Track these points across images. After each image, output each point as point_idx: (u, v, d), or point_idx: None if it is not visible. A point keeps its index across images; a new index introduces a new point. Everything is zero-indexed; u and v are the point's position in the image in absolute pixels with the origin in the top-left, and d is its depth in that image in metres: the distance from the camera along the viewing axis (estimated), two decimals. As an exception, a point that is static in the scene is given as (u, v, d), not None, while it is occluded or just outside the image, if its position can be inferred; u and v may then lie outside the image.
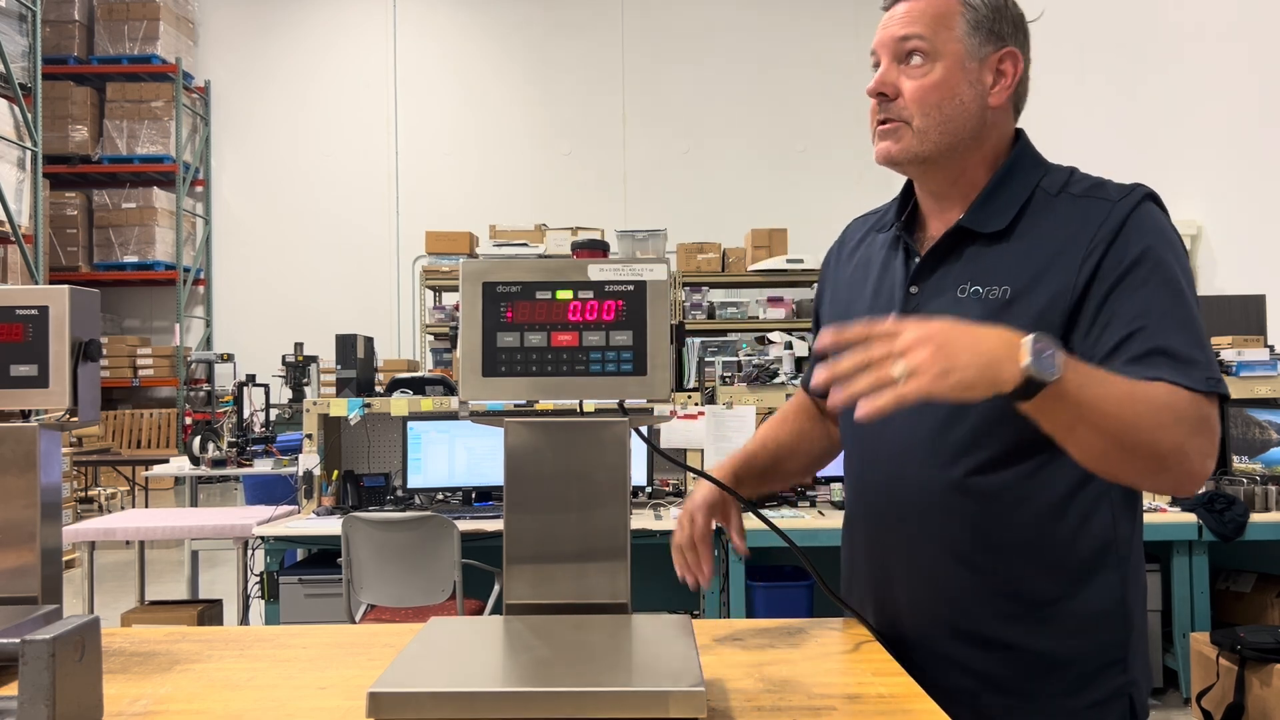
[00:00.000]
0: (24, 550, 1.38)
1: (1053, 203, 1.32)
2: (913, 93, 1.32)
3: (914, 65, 1.32)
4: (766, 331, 7.43)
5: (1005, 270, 1.30)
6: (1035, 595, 1.30)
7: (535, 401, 1.24)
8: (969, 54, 1.32)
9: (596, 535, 1.27)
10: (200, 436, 5.72)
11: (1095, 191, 1.31)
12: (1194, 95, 6.32)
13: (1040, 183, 1.34)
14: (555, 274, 1.24)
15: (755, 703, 1.16)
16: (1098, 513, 1.29)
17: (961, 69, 1.32)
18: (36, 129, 9.83)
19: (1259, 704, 3.42)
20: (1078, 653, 1.29)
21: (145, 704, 1.17)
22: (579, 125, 12.75)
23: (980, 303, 1.29)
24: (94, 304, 1.43)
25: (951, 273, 1.34)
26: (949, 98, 1.32)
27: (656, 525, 3.91)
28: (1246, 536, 3.93)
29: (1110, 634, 1.30)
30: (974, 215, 1.34)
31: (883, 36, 1.35)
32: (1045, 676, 1.29)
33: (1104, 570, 1.29)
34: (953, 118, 1.32)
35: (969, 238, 1.34)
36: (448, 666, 1.12)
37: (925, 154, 1.33)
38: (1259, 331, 4.75)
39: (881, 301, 1.41)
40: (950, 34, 1.32)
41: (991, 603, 1.31)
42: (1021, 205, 1.32)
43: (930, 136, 1.32)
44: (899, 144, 1.33)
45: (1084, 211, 1.29)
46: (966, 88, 1.32)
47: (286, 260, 12.71)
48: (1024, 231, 1.31)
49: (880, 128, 1.35)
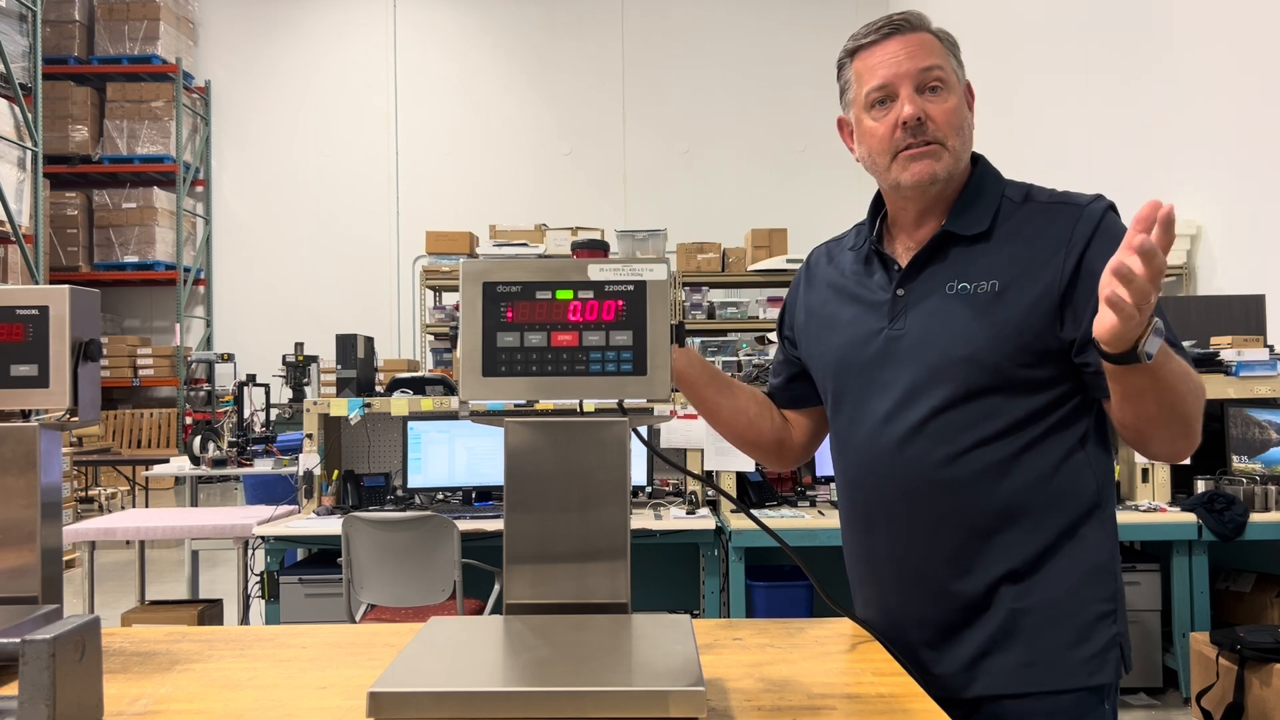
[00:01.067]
0: (24, 550, 1.38)
1: (1020, 210, 1.47)
2: (944, 117, 1.44)
3: (937, 93, 1.44)
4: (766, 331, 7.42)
5: (991, 267, 1.43)
6: (1034, 552, 1.40)
7: (535, 401, 1.24)
8: (959, 82, 1.48)
9: (596, 535, 1.27)
10: (200, 436, 5.72)
11: (1065, 198, 1.46)
12: (1194, 95, 6.32)
13: (1005, 193, 1.49)
14: (555, 274, 1.24)
15: (755, 703, 1.16)
16: (1083, 475, 1.42)
17: (962, 95, 1.48)
18: (37, 129, 9.83)
19: (1259, 704, 3.42)
20: (1076, 608, 1.39)
21: (145, 704, 1.17)
22: (579, 125, 12.75)
23: (969, 297, 1.43)
24: (94, 304, 1.43)
25: (938, 273, 1.46)
26: (966, 121, 1.48)
27: (656, 525, 3.91)
28: (1246, 536, 3.93)
29: (1103, 588, 1.41)
30: (956, 221, 1.47)
31: (900, 70, 1.44)
32: (1049, 631, 1.38)
33: (1095, 527, 1.42)
34: (969, 138, 1.49)
35: (952, 240, 1.47)
36: (448, 666, 1.13)
37: (957, 170, 1.47)
38: (1259, 331, 4.75)
39: (866, 307, 1.52)
40: (950, 63, 1.47)
41: (994, 565, 1.41)
42: (995, 211, 1.47)
43: (960, 155, 1.46)
44: (939, 163, 1.44)
45: (1056, 215, 1.43)
46: (967, 112, 1.49)
47: (287, 260, 12.71)
48: (1002, 234, 1.45)
49: (914, 150, 1.44)
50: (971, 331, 1.41)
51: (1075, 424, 1.42)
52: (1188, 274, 6.31)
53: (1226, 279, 6.10)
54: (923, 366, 1.44)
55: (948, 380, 1.42)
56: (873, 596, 1.52)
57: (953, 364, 1.42)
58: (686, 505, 4.21)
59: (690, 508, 4.16)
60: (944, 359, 1.42)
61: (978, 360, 1.40)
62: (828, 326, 1.58)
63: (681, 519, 4.03)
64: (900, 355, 1.46)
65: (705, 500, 4.28)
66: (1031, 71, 7.94)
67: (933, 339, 1.44)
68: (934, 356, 1.43)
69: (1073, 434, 1.42)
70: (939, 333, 1.44)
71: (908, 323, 1.46)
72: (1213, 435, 4.31)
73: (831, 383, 1.56)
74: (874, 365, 1.49)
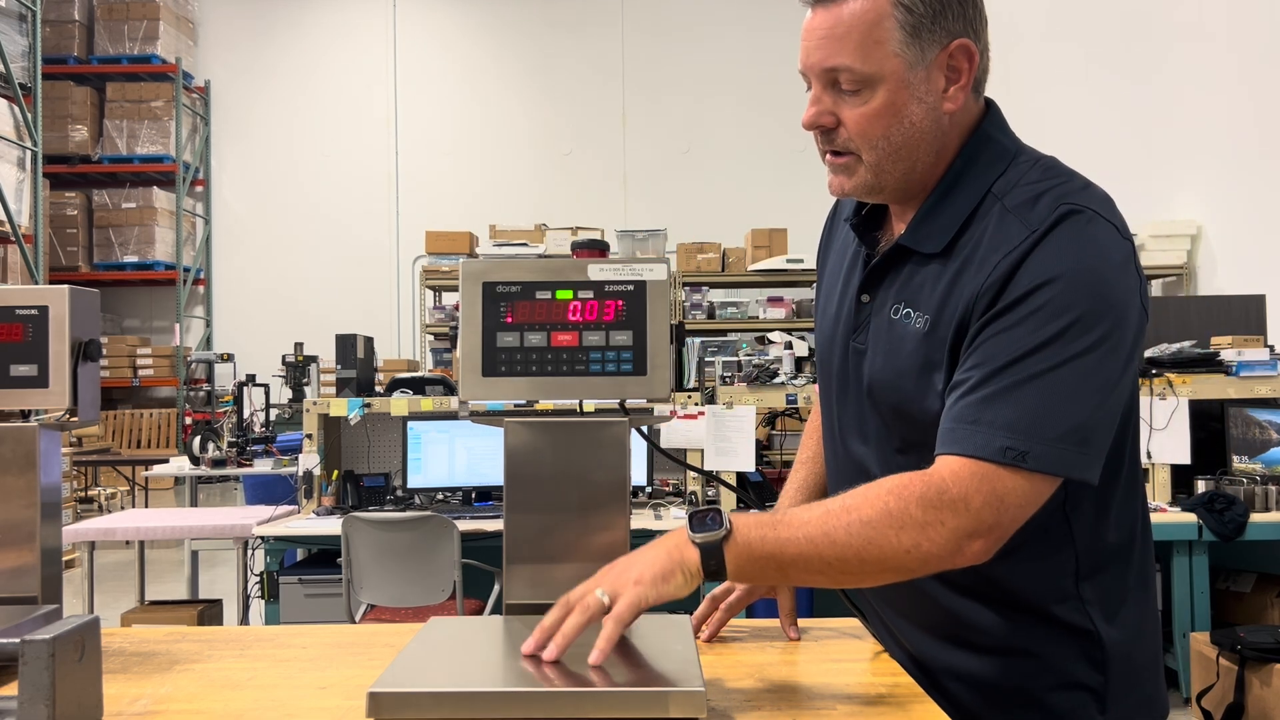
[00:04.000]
0: (24, 550, 1.37)
1: (995, 213, 1.16)
2: (854, 125, 1.16)
3: (855, 94, 1.15)
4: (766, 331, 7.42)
5: (931, 296, 1.18)
6: (1000, 635, 1.22)
7: (535, 401, 1.24)
8: (910, 66, 1.14)
9: (596, 535, 1.27)
10: (200, 436, 5.72)
11: (1023, 210, 1.14)
12: (1195, 95, 6.32)
13: (992, 187, 1.18)
14: (555, 274, 1.24)
15: (755, 703, 1.16)
16: (1062, 550, 1.20)
17: (905, 87, 1.14)
18: (36, 129, 9.83)
19: (1259, 704, 3.42)
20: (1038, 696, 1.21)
21: (145, 704, 1.17)
22: (579, 125, 12.75)
23: (907, 330, 1.20)
24: (94, 304, 1.43)
25: (892, 289, 1.23)
26: (896, 124, 1.15)
27: (656, 525, 3.91)
28: (1246, 536, 3.93)
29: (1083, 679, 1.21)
30: (913, 233, 1.21)
31: (808, 58, 1.18)
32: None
33: (1074, 611, 1.21)
34: (905, 144, 1.17)
35: (907, 255, 1.22)
36: (448, 666, 1.12)
37: (882, 185, 1.20)
38: (1259, 331, 4.76)
39: (847, 304, 1.30)
40: (883, 49, 1.13)
41: (959, 644, 1.25)
42: (967, 217, 1.18)
43: (885, 168, 1.18)
44: (852, 179, 1.20)
45: (1002, 235, 1.14)
46: (915, 105, 1.15)
47: (286, 260, 12.71)
48: (961, 249, 1.17)
49: (829, 160, 1.21)
50: (903, 376, 1.19)
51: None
52: (1188, 274, 6.31)
53: (1226, 279, 6.10)
54: (869, 401, 1.25)
55: (888, 425, 1.24)
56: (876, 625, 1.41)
57: (888, 409, 1.23)
58: (687, 505, 4.21)
59: (691, 508, 4.16)
60: (881, 400, 1.23)
61: (906, 411, 1.20)
62: (823, 313, 1.38)
63: (681, 519, 4.02)
64: (858, 376, 1.27)
65: (706, 500, 4.28)
66: (1031, 71, 7.94)
67: (878, 373, 1.23)
68: (878, 395, 1.24)
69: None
70: (883, 368, 1.22)
71: (868, 340, 1.25)
72: (1213, 435, 4.32)
73: (820, 379, 1.40)
74: (840, 377, 1.31)
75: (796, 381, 4.34)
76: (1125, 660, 1.21)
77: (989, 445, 1.07)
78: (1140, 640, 1.24)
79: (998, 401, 1.08)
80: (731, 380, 4.38)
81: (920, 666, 1.30)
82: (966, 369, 1.12)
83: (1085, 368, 1.08)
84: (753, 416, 4.19)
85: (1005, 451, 1.06)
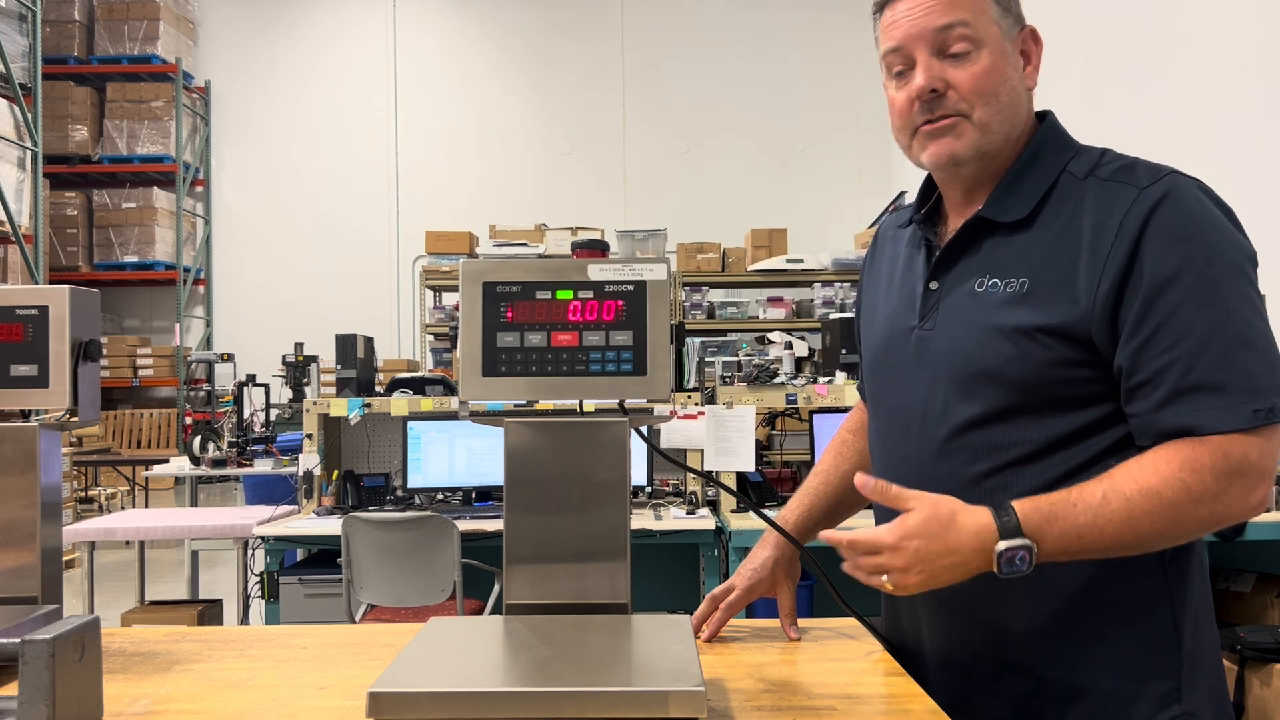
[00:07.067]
0: (24, 550, 1.37)
1: (1080, 187, 1.24)
2: (968, 84, 1.23)
3: (959, 55, 1.23)
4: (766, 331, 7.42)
5: (1024, 261, 1.23)
6: (1078, 607, 1.23)
7: (535, 401, 1.24)
8: (1005, 35, 1.26)
9: (596, 535, 1.27)
10: (200, 436, 5.72)
11: (1122, 175, 1.23)
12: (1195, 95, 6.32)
13: (1067, 166, 1.26)
14: (555, 274, 1.24)
15: (755, 703, 1.16)
16: None
17: (1004, 54, 1.25)
18: (36, 129, 9.83)
19: (1259, 704, 3.42)
20: (1123, 687, 1.22)
21: (145, 704, 1.17)
22: (579, 125, 12.74)
23: (997, 297, 1.23)
24: (94, 304, 1.43)
25: (970, 266, 1.28)
26: (1003, 84, 1.24)
27: (656, 525, 3.91)
28: (1246, 536, 3.92)
29: (1163, 662, 1.22)
30: (994, 205, 1.27)
31: (914, 29, 1.24)
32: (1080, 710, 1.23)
33: (1159, 581, 1.23)
34: (1010, 105, 1.25)
35: (989, 228, 1.27)
36: (448, 666, 1.12)
37: (989, 147, 1.26)
38: (1259, 331, 4.75)
39: (904, 299, 1.35)
40: (986, 16, 1.24)
41: (1024, 621, 1.24)
42: (1046, 191, 1.25)
43: (993, 128, 1.25)
44: (961, 140, 1.25)
45: (1110, 198, 1.20)
46: (1012, 72, 1.26)
47: (286, 260, 12.70)
48: (1047, 220, 1.23)
49: (931, 126, 1.26)
50: (994, 339, 1.22)
51: (1133, 446, 1.19)
52: (1188, 274, 6.30)
53: (1226, 279, 6.08)
54: (947, 377, 1.26)
55: (971, 396, 1.24)
56: (905, 616, 1.38)
57: (973, 378, 1.23)
58: (686, 505, 4.20)
59: (690, 508, 4.15)
60: (964, 372, 1.24)
61: (1000, 375, 1.21)
62: (870, 320, 1.44)
63: (681, 519, 4.02)
64: (928, 359, 1.29)
65: (705, 500, 4.28)
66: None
67: (957, 346, 1.26)
68: (956, 367, 1.25)
69: (1133, 455, 1.17)
70: (963, 340, 1.25)
71: (937, 322, 1.29)
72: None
73: (869, 382, 1.43)
74: (904, 367, 1.32)
75: (796, 381, 4.34)
76: (1195, 646, 1.24)
77: (1242, 410, 1.13)
78: (1199, 631, 1.26)
79: (1222, 369, 1.14)
80: (731, 380, 4.38)
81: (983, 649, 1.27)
82: (1165, 348, 1.15)
83: (1260, 311, 1.20)
84: (753, 416, 4.18)
85: (1256, 414, 1.14)
